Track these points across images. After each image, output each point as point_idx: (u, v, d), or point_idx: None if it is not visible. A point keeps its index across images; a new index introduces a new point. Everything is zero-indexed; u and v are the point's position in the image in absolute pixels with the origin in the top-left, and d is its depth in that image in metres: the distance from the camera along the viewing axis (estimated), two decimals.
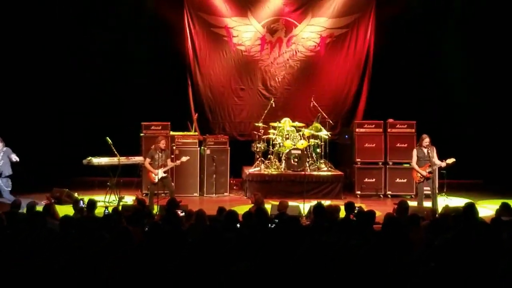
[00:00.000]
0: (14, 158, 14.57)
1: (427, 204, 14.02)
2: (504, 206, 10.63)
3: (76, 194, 15.13)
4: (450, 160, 14.21)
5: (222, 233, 7.39)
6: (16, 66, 17.81)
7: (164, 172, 14.61)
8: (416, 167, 14.23)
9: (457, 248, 7.04)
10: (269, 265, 6.58)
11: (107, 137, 15.38)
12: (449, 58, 18.70)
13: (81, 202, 11.70)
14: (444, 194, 16.21)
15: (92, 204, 10.59)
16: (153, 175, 14.51)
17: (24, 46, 17.82)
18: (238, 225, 8.93)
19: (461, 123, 18.70)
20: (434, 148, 14.18)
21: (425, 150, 14.08)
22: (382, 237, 8.01)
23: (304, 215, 13.13)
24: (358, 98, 19.18)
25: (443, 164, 14.30)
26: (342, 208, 10.82)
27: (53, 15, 17.90)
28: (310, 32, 19.01)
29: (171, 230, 7.78)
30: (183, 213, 10.46)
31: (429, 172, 14.06)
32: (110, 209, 12.13)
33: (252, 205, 11.92)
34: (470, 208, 9.09)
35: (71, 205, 12.22)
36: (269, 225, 9.06)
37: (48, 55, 18.03)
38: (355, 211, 10.41)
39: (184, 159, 15.15)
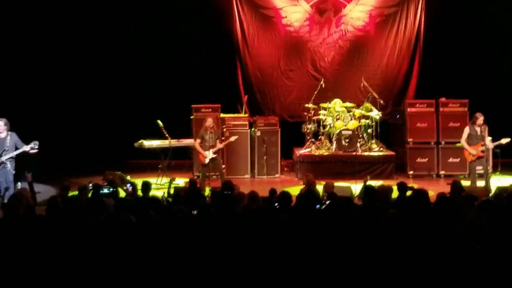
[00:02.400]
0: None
1: (480, 183, 13.81)
2: None
3: (128, 177, 15.27)
4: (505, 140, 13.99)
5: (276, 214, 7.38)
6: (71, 49, 18.02)
7: (214, 153, 14.67)
8: (465, 144, 14.00)
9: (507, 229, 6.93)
10: (321, 245, 6.56)
11: (158, 120, 15.49)
12: (503, 35, 18.37)
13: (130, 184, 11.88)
14: (498, 173, 15.98)
15: (146, 185, 10.72)
16: (203, 156, 14.60)
17: (77, 29, 18.03)
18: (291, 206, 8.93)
19: None
20: (487, 128, 13.94)
21: (477, 129, 13.85)
22: (434, 217, 7.92)
23: (356, 195, 13.07)
24: (409, 77, 18.94)
25: (491, 146, 14.11)
26: (395, 188, 10.74)
27: None
28: (359, 11, 18.80)
29: (224, 211, 7.81)
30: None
31: (482, 151, 13.85)
32: (165, 193, 12.29)
33: (304, 186, 11.92)
34: None
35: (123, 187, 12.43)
36: (320, 206, 9.04)
37: (100, 39, 18.21)
38: (408, 191, 10.34)
39: (232, 139, 15.22)
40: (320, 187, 12.59)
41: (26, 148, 13.09)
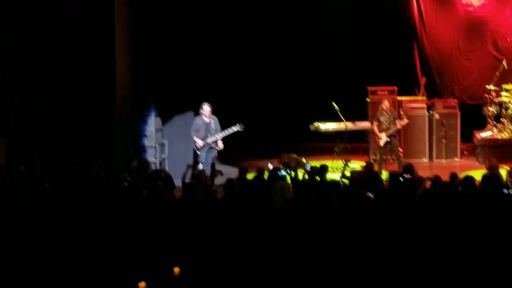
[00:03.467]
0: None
1: None
2: None
3: (303, 159, 15.34)
4: None
5: (457, 198, 7.19)
6: (254, 38, 18.31)
7: (389, 136, 14.51)
8: None
9: None
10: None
11: (333, 103, 15.46)
12: None
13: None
14: None
15: (323, 168, 10.75)
16: (379, 138, 14.50)
17: (263, 17, 18.32)
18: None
19: None
20: None
21: None
22: None
23: None
24: None
25: None
26: None
27: None
28: None
29: (405, 195, 7.69)
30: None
31: None
32: (341, 176, 12.27)
33: (487, 170, 11.53)
34: None
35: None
36: (506, 190, 8.75)
37: (275, 22, 18.39)
38: None
39: (403, 122, 14.96)
40: (503, 172, 12.16)
41: (234, 129, 14.05)
